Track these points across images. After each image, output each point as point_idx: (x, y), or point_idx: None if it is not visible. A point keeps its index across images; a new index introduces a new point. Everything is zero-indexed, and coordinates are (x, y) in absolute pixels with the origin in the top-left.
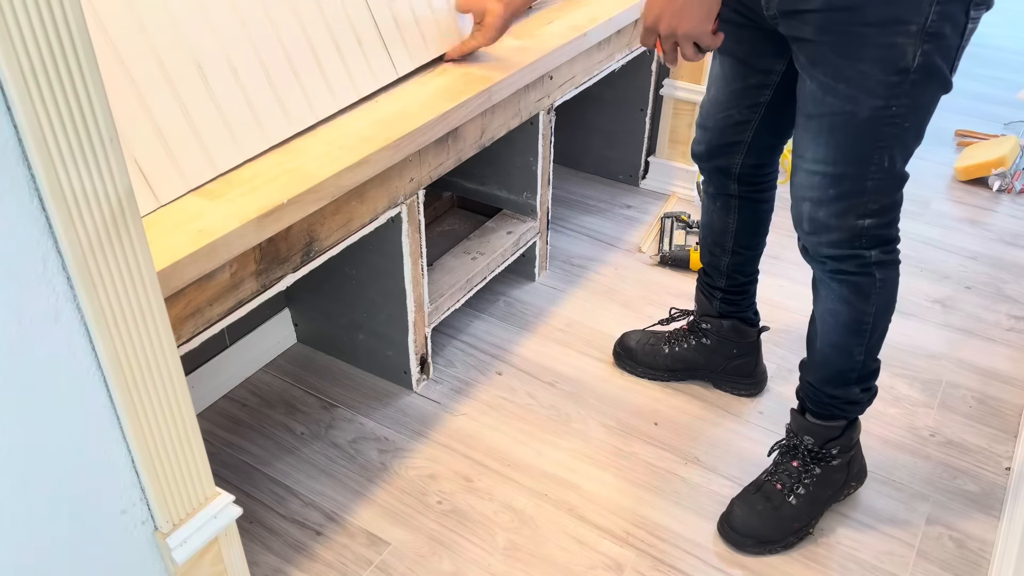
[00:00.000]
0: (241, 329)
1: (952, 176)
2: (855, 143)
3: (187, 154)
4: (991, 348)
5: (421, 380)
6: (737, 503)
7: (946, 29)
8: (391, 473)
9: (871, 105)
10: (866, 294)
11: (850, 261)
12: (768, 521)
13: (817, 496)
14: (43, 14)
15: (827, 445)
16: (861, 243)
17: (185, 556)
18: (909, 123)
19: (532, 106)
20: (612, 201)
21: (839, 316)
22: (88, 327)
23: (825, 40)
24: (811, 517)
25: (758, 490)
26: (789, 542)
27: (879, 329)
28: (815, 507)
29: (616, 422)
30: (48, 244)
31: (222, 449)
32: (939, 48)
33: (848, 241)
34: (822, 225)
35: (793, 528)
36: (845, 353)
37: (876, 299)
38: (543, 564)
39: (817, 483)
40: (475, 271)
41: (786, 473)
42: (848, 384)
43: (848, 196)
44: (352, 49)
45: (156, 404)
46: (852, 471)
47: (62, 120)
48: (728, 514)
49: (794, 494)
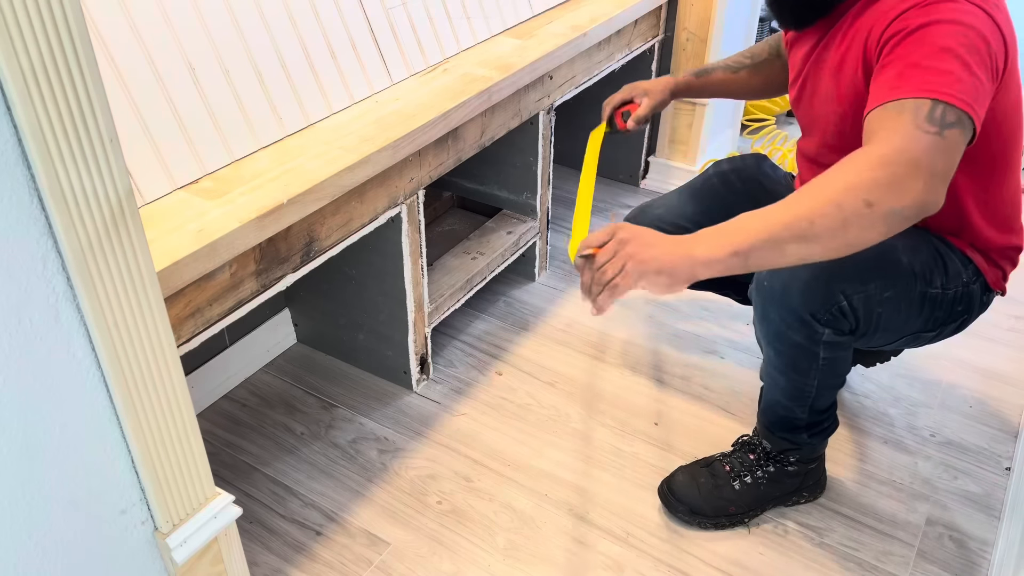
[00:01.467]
0: (241, 329)
1: None
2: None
3: (175, 152)
4: (991, 348)
5: (421, 380)
6: (682, 470)
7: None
8: (391, 473)
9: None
10: (804, 370)
11: (798, 331)
12: (706, 496)
13: (763, 492)
14: (43, 14)
15: (783, 454)
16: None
17: (185, 556)
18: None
19: (532, 106)
20: (612, 201)
21: (776, 381)
22: (88, 327)
23: None
24: (750, 508)
25: (707, 465)
26: (720, 522)
27: (824, 397)
28: (757, 501)
29: (616, 422)
30: (48, 244)
31: (222, 449)
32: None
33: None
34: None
35: (728, 511)
36: (787, 409)
37: (817, 375)
38: (543, 564)
39: (766, 480)
40: (475, 271)
41: (739, 460)
42: (797, 431)
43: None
44: (347, 55)
45: (156, 404)
46: (807, 482)
47: (62, 120)
48: (671, 478)
49: (739, 480)
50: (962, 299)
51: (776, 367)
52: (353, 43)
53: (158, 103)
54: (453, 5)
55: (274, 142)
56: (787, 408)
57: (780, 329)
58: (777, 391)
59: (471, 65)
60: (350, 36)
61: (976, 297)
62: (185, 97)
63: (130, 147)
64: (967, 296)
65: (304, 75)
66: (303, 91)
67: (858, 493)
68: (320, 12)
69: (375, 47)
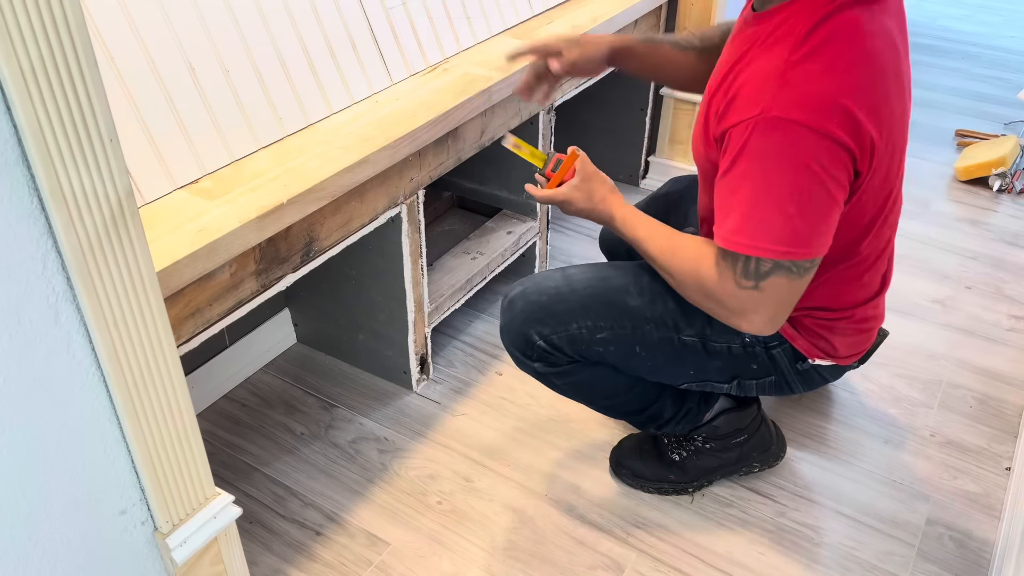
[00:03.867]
0: (241, 329)
1: (952, 176)
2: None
3: (175, 152)
4: (991, 348)
5: (421, 380)
6: (630, 438)
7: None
8: (391, 473)
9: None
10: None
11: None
12: (647, 463)
13: (703, 465)
14: (43, 14)
15: (699, 431)
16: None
17: (185, 556)
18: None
19: (532, 106)
20: None
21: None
22: (88, 327)
23: None
24: (692, 479)
25: (652, 435)
26: (662, 488)
27: (596, 403)
28: (699, 473)
29: (616, 422)
30: (48, 244)
31: (222, 449)
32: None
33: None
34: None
35: (668, 478)
36: (628, 416)
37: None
38: (543, 564)
39: (707, 453)
40: (475, 271)
41: (677, 434)
42: (662, 425)
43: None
44: (347, 55)
45: (156, 404)
46: (752, 451)
47: (62, 120)
48: (619, 444)
49: (677, 453)
50: (753, 358)
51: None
52: (353, 43)
53: (158, 103)
54: (453, 5)
55: (274, 142)
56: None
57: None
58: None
59: (471, 65)
60: (350, 36)
61: (782, 361)
62: (185, 97)
63: (130, 147)
64: (762, 356)
65: (304, 75)
66: (303, 91)
67: (858, 493)
68: (320, 12)
69: (375, 47)
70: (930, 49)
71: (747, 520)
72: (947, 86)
